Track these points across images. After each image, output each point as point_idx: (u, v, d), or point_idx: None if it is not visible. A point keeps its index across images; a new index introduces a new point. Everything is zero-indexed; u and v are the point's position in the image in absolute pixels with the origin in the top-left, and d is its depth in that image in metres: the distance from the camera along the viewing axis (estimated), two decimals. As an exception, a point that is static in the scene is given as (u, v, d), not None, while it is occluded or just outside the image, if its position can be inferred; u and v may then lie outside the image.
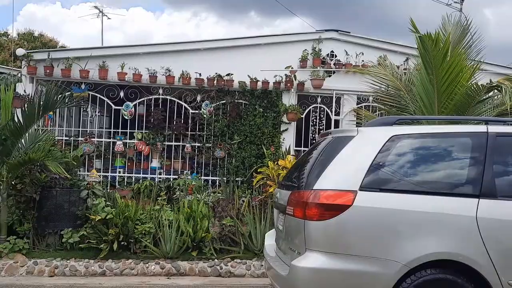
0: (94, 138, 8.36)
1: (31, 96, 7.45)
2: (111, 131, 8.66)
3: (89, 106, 8.60)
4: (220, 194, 7.54)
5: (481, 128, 3.51)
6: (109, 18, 26.77)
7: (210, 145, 8.37)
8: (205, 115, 8.26)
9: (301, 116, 8.53)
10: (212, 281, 5.59)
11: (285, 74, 8.39)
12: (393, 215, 3.20)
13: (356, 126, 5.64)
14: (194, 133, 8.47)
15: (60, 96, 6.35)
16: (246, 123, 8.38)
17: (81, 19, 59.55)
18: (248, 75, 8.27)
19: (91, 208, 6.18)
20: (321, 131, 7.94)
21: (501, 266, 3.11)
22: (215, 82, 8.25)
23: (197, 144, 8.43)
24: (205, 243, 6.11)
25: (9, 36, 23.69)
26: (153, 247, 5.98)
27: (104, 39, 34.53)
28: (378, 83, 6.98)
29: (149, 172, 8.34)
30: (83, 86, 8.12)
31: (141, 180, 8.04)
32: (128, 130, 8.37)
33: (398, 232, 3.17)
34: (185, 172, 8.24)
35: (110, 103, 8.24)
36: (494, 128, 3.49)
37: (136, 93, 8.28)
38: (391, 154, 3.39)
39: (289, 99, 8.45)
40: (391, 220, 3.20)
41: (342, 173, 3.35)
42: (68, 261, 5.76)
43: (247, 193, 7.54)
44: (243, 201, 7.01)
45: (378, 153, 3.35)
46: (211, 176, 8.40)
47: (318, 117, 8.71)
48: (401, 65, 8.31)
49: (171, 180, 8.05)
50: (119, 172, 8.31)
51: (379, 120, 3.87)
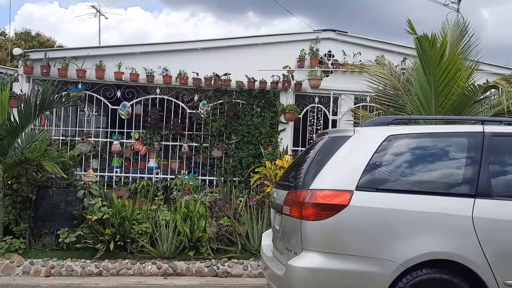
0: (91, 138, 8.36)
1: (28, 96, 7.43)
2: (108, 131, 8.64)
3: (86, 106, 8.58)
4: (218, 194, 7.53)
5: (477, 128, 3.51)
6: (107, 18, 26.76)
7: (208, 145, 8.36)
8: (203, 115, 8.24)
9: (299, 116, 8.52)
10: (209, 281, 5.58)
11: (283, 74, 8.39)
12: (390, 215, 3.20)
13: (353, 126, 5.64)
14: (192, 133, 8.47)
15: (57, 96, 6.33)
16: (244, 123, 8.37)
17: (79, 19, 59.41)
18: (246, 75, 8.27)
19: (88, 208, 6.16)
20: (319, 131, 7.95)
21: (497, 266, 3.11)
22: (213, 82, 8.24)
23: (195, 144, 8.42)
24: (202, 243, 6.10)
25: (7, 36, 23.66)
26: (150, 247, 5.97)
27: (102, 39, 34.50)
28: (376, 83, 6.98)
29: (146, 172, 8.33)
30: (80, 86, 8.11)
31: (138, 180, 8.02)
32: (125, 130, 8.37)
33: (394, 232, 3.17)
34: (182, 172, 8.24)
35: (107, 103, 8.22)
36: (490, 128, 3.49)
37: (133, 93, 8.26)
38: (388, 154, 3.39)
39: (287, 99, 8.45)
40: (388, 220, 3.20)
41: (339, 173, 3.35)
42: (65, 261, 5.74)
43: (245, 193, 7.53)
44: (241, 201, 7.00)
45: (375, 153, 3.35)
46: (209, 176, 8.39)
47: (316, 117, 8.71)
48: (398, 65, 8.30)
49: (168, 180, 8.05)
50: (116, 172, 8.30)
51: (376, 120, 3.87)
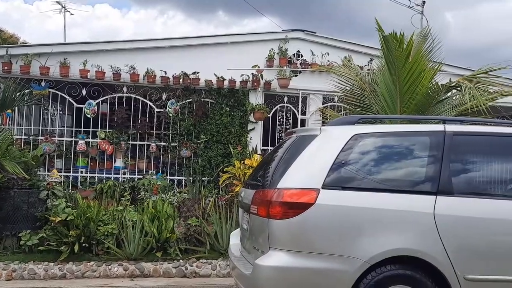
0: (55, 137, 8.12)
1: (-12, 94, 7.15)
2: (73, 130, 8.42)
3: (50, 104, 8.33)
4: (186, 194, 7.46)
5: (439, 127, 3.59)
6: (72, 14, 25.83)
7: (176, 145, 8.27)
8: (171, 114, 8.15)
9: (268, 116, 8.54)
10: (177, 282, 5.52)
11: (252, 73, 8.38)
12: (355, 213, 3.25)
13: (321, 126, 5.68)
14: (160, 132, 8.36)
15: (19, 94, 6.13)
16: (213, 122, 8.32)
17: (44, 15, 57.64)
18: (215, 74, 8.22)
19: (51, 209, 5.97)
20: (288, 130, 8.00)
21: (457, 262, 3.20)
22: (181, 81, 8.16)
23: (163, 143, 8.32)
24: (170, 244, 6.03)
25: (-33, 32, 22.70)
26: (116, 249, 5.85)
27: (68, 36, 33.55)
28: (343, 83, 7.07)
29: (113, 172, 8.17)
30: (43, 84, 7.87)
31: (104, 180, 7.84)
32: (91, 129, 8.19)
33: (360, 230, 3.22)
34: (150, 172, 8.13)
35: (72, 101, 8.01)
36: (451, 127, 3.58)
37: (99, 91, 8.08)
38: (353, 153, 3.43)
39: (256, 98, 8.45)
40: (353, 218, 3.24)
41: (305, 172, 3.37)
42: (27, 264, 5.56)
43: (214, 193, 7.49)
44: (209, 201, 6.95)
45: (340, 152, 3.38)
46: (177, 176, 8.30)
47: (285, 117, 8.76)
48: (365, 66, 8.45)
49: (136, 180, 7.93)
50: (81, 172, 8.11)
51: (342, 119, 3.92)
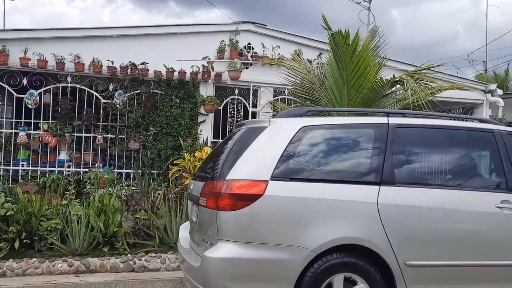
0: (-6, 129, 7.69)
1: None
2: (13, 121, 8.00)
3: (-13, 94, 7.86)
4: (135, 187, 7.31)
5: (383, 120, 3.72)
6: (13, 0, 24.36)
7: (124, 137, 8.06)
8: (118, 105, 7.92)
9: (219, 108, 8.50)
10: (125, 277, 5.39)
11: (203, 65, 8.29)
12: (302, 203, 3.30)
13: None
14: (107, 124, 8.12)
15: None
16: (162, 114, 8.17)
17: (-20, -1, 53.87)
18: (164, 65, 8.06)
19: (-12, 205, 5.66)
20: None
21: (398, 249, 3.34)
22: (129, 71, 7.94)
23: (110, 136, 8.09)
24: (118, 238, 5.88)
25: None
26: (60, 244, 5.64)
27: (8, 22, 31.69)
28: (293, 76, 7.16)
29: (57, 165, 7.86)
30: (-20, 72, 7.41)
31: (48, 174, 7.54)
32: (33, 120, 7.84)
33: (307, 220, 3.28)
34: (97, 165, 7.88)
35: (12, 91, 7.60)
36: (394, 120, 3.72)
37: (42, 81, 7.72)
38: (301, 145, 3.48)
39: (207, 90, 8.38)
40: (301, 208, 3.29)
41: (254, 163, 3.39)
42: (-39, 263, 5.25)
43: (163, 186, 7.38)
44: (159, 194, 6.84)
45: (289, 144, 3.43)
46: (125, 169, 8.11)
47: (236, 109, 8.76)
48: (315, 59, 8.59)
49: (81, 174, 7.66)
50: (22, 166, 7.75)
51: (290, 112, 3.98)
